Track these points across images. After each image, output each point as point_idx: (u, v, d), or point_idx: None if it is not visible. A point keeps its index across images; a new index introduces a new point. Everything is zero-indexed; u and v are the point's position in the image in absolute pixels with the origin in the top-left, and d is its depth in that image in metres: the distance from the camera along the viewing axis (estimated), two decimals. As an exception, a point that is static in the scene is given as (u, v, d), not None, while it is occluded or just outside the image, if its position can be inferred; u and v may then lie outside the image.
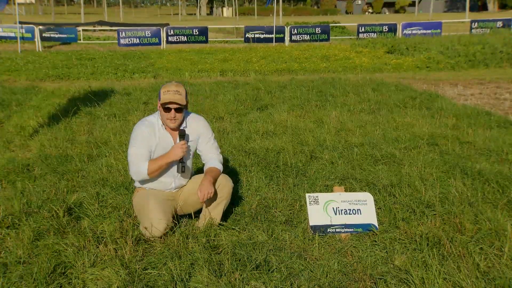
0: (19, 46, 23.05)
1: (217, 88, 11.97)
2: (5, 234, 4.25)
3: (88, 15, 67.92)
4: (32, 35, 25.38)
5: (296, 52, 21.19)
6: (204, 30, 26.74)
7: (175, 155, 4.08)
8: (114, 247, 3.94)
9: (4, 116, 8.96)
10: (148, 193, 4.27)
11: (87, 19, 54.15)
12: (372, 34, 27.32)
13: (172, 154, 4.09)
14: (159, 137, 4.20)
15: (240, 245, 3.99)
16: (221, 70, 15.94)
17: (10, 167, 6.03)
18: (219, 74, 15.50)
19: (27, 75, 14.95)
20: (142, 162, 4.12)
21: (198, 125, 4.37)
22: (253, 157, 6.41)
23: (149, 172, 4.11)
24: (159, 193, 4.32)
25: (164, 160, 4.10)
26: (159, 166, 4.12)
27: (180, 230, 4.21)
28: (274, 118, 8.62)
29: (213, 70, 15.98)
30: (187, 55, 20.81)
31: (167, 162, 4.12)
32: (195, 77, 14.97)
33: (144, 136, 4.16)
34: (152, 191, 4.31)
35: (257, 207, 4.80)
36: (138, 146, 4.15)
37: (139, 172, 4.13)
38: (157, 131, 4.21)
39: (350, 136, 7.44)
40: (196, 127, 4.35)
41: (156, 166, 4.11)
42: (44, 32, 25.81)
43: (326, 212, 4.33)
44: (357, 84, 12.33)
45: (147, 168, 4.10)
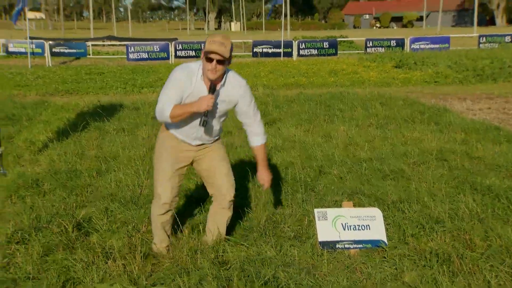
0: (29, 61, 23.22)
1: (225, 103, 12.00)
2: (14, 249, 4.26)
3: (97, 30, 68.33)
4: (42, 50, 25.60)
5: (304, 66, 21.24)
6: (212, 44, 26.82)
7: (199, 107, 3.88)
8: (122, 262, 3.95)
9: (15, 131, 9.01)
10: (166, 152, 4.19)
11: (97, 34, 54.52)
12: (380, 49, 27.38)
13: (196, 105, 3.89)
14: (194, 87, 4.02)
15: (248, 260, 3.98)
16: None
17: (20, 182, 6.06)
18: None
19: (37, 90, 15.05)
20: (168, 104, 3.96)
21: (238, 86, 4.15)
22: (262, 172, 6.41)
23: (171, 115, 3.93)
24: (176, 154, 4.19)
25: (188, 109, 3.93)
26: (181, 113, 3.94)
27: (188, 246, 4.21)
28: (282, 133, 8.63)
29: (221, 85, 16.01)
30: (195, 69, 20.85)
31: (190, 111, 3.93)
32: (203, 91, 15.03)
33: (179, 81, 4.00)
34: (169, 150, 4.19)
35: (265, 223, 4.80)
36: (170, 89, 4.01)
37: (163, 113, 3.97)
38: (194, 80, 4.02)
39: (359, 151, 7.44)
40: (233, 89, 4.12)
41: (179, 111, 3.94)
42: (54, 47, 26.05)
43: (335, 228, 4.31)
44: (365, 98, 12.33)
45: (170, 111, 3.93)
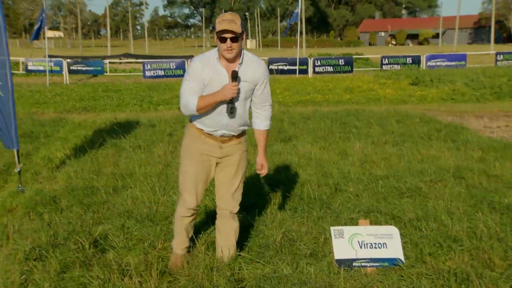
0: (48, 79, 23.53)
1: (240, 120, 12.01)
2: (32, 266, 4.28)
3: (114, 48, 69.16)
4: (60, 68, 25.95)
5: (319, 83, 21.28)
6: (228, 62, 26.99)
7: (224, 96, 3.89)
8: (139, 280, 3.95)
9: (33, 148, 9.09)
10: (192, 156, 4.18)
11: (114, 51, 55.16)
12: (396, 66, 27.37)
13: (221, 94, 3.90)
14: (213, 71, 4.00)
15: (264, 278, 3.96)
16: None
17: (37, 198, 6.10)
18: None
19: (55, 108, 15.21)
20: (192, 96, 3.97)
21: (258, 67, 4.10)
22: (277, 189, 6.40)
23: (197, 107, 3.95)
24: (202, 156, 4.18)
25: (213, 99, 3.93)
26: (207, 103, 3.94)
27: (204, 263, 4.19)
28: (298, 150, 8.62)
29: (237, 102, 16.06)
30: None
31: (216, 100, 3.93)
32: (218, 108, 15.07)
33: (196, 71, 4.01)
34: (195, 153, 4.18)
35: (281, 240, 4.77)
36: (190, 80, 4.01)
37: (188, 106, 3.98)
38: (211, 65, 4.01)
39: (375, 168, 7.40)
40: (254, 69, 4.07)
41: (205, 102, 3.94)
42: (71, 65, 26.39)
43: (351, 246, 4.29)
44: (381, 115, 12.30)
45: (196, 103, 3.94)
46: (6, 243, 4.82)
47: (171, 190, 6.28)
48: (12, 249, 4.63)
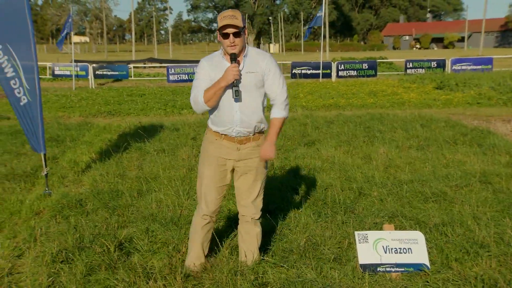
0: (74, 84, 23.82)
1: (264, 124, 12.01)
2: (59, 268, 4.32)
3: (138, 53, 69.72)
4: (86, 73, 26.26)
5: (343, 87, 21.19)
6: (251, 66, 27.02)
7: (226, 78, 3.91)
8: (163, 283, 3.96)
9: (59, 152, 9.19)
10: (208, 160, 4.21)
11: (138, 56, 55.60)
12: (420, 70, 27.13)
13: (223, 78, 3.93)
14: (218, 66, 4.06)
15: (288, 282, 3.96)
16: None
17: (64, 202, 6.16)
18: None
19: (81, 112, 15.37)
20: (200, 91, 4.03)
21: (262, 57, 4.16)
22: (301, 193, 6.38)
23: (204, 98, 3.99)
24: (219, 161, 4.19)
25: (217, 85, 3.95)
26: (213, 92, 3.96)
27: (228, 267, 4.20)
28: (322, 154, 8.59)
29: (260, 106, 16.06)
30: (235, 91, 21.01)
31: (220, 86, 3.94)
32: (242, 112, 15.07)
33: (204, 69, 4.08)
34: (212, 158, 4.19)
35: (305, 244, 4.76)
36: (198, 79, 4.08)
37: (197, 100, 4.03)
38: (216, 63, 4.08)
39: (399, 173, 7.34)
40: (259, 57, 4.14)
41: (210, 91, 3.97)
42: (97, 69, 26.67)
43: (376, 251, 4.26)
44: (405, 119, 12.19)
45: (203, 96, 4.00)
46: (34, 246, 4.87)
47: (195, 194, 6.29)
48: (40, 252, 4.68)
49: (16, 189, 6.83)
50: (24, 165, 8.02)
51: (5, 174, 7.44)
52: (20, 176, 7.41)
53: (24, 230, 5.30)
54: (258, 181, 4.29)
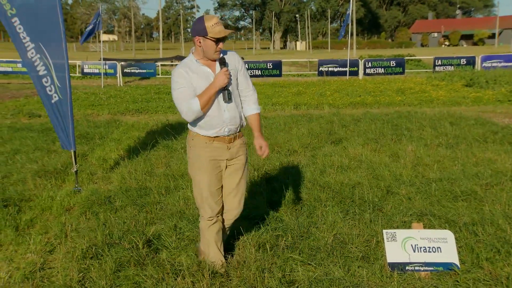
0: (102, 82, 24.09)
1: (291, 122, 12.00)
2: (89, 264, 4.38)
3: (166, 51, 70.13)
4: (114, 71, 26.55)
5: (370, 85, 21.04)
6: (278, 63, 27.06)
7: (220, 81, 4.00)
8: (191, 280, 3.99)
9: (88, 149, 9.31)
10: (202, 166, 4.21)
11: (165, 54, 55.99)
12: (449, 67, 26.80)
13: (217, 81, 4.01)
14: (197, 72, 4.12)
15: (316, 281, 3.95)
16: (295, 104, 16.00)
17: (93, 198, 6.24)
18: (293, 107, 15.54)
19: (109, 109, 15.52)
20: (191, 98, 4.05)
21: (234, 58, 4.29)
22: (328, 191, 6.36)
23: (201, 105, 4.01)
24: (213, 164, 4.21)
25: (212, 90, 4.02)
26: (208, 97, 4.02)
27: (256, 265, 4.21)
28: (349, 152, 8.54)
29: (287, 104, 16.06)
30: (261, 88, 21.04)
31: (215, 90, 4.02)
32: (269, 110, 15.09)
33: (183, 77, 4.10)
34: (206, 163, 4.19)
35: (332, 242, 4.74)
36: (182, 86, 4.09)
37: (192, 108, 4.03)
38: (193, 68, 4.13)
39: (428, 171, 7.27)
40: (233, 60, 4.26)
41: (205, 97, 4.01)
42: (125, 67, 26.93)
43: (404, 249, 4.22)
44: (433, 117, 12.06)
45: (199, 102, 4.01)
46: (65, 241, 4.94)
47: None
48: (70, 247, 4.75)
49: (47, 185, 6.93)
50: (55, 162, 8.13)
51: (36, 171, 7.55)
52: (51, 173, 7.51)
53: (55, 226, 5.38)
54: (244, 179, 4.39)
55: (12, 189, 6.66)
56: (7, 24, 6.47)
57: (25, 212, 5.86)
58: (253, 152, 8.55)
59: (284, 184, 6.58)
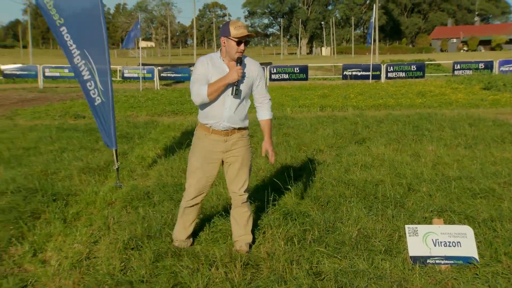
0: (141, 85, 24.33)
1: (317, 123, 11.97)
2: (130, 254, 4.42)
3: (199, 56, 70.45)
4: (152, 75, 26.84)
5: (392, 88, 20.85)
6: (304, 68, 27.00)
7: (231, 77, 4.14)
8: (224, 270, 4.00)
9: (128, 148, 9.40)
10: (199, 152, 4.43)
11: (199, 59, 56.03)
12: (468, 71, 26.42)
13: (229, 76, 4.15)
14: (216, 67, 4.27)
15: (341, 272, 3.93)
16: (320, 106, 15.94)
17: (133, 194, 6.30)
18: (319, 109, 15.48)
19: (147, 111, 15.67)
20: (202, 85, 4.22)
21: (255, 65, 4.39)
22: (352, 188, 6.32)
23: (208, 92, 4.18)
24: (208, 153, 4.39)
25: (222, 82, 4.17)
26: (217, 87, 4.18)
27: (284, 257, 4.21)
28: (372, 151, 8.48)
29: (313, 106, 16.01)
30: (289, 91, 21.01)
31: (224, 83, 4.16)
32: (296, 112, 15.06)
33: (204, 65, 4.30)
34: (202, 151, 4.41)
35: (357, 236, 4.71)
36: (198, 73, 4.28)
37: (200, 93, 4.21)
38: (215, 63, 4.28)
39: (447, 170, 7.17)
40: (252, 67, 4.36)
41: (214, 87, 4.18)
42: (162, 72, 27.18)
43: (425, 244, 4.18)
44: (453, 119, 11.90)
45: (207, 90, 4.18)
46: (108, 233, 5.00)
47: (252, 188, 6.33)
48: (113, 239, 4.80)
49: (91, 181, 7.02)
50: (98, 160, 8.24)
51: (81, 168, 7.65)
52: (95, 170, 7.61)
53: (99, 219, 5.44)
54: (244, 169, 4.46)
55: (60, 184, 6.76)
56: (56, 33, 6.58)
57: (72, 206, 5.95)
58: (281, 151, 8.56)
59: (310, 182, 6.57)
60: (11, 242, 4.77)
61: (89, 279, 3.98)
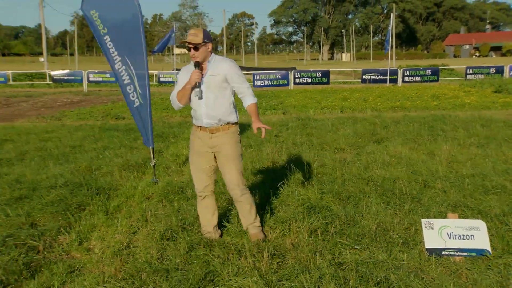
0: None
1: (338, 123, 11.88)
2: (166, 244, 4.44)
3: (229, 62, 70.59)
4: (185, 79, 26.89)
5: (408, 91, 20.59)
6: (326, 72, 26.83)
7: (191, 80, 4.23)
8: (252, 260, 3.99)
9: (164, 146, 9.47)
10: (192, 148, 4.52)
11: (228, 65, 56.11)
12: (480, 75, 25.97)
13: (189, 80, 4.24)
14: (189, 72, 4.34)
15: (362, 263, 3.89)
16: (341, 107, 15.82)
17: (168, 188, 6.33)
18: (340, 110, 15.38)
19: (181, 112, 15.67)
20: (174, 92, 4.43)
21: (223, 63, 4.36)
22: (371, 184, 6.25)
23: (178, 98, 4.38)
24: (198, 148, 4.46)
25: (186, 85, 4.28)
26: (182, 92, 4.32)
27: (308, 248, 4.19)
28: (389, 150, 8.38)
29: (334, 107, 15.90)
30: (311, 94, 20.91)
31: (188, 86, 4.26)
32: (318, 113, 14.98)
33: (181, 74, 4.45)
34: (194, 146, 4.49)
35: (376, 229, 4.66)
36: (178, 82, 4.45)
37: (173, 100, 4.45)
38: (190, 70, 4.34)
39: (461, 168, 7.05)
40: (220, 64, 4.34)
41: (181, 92, 4.34)
42: (194, 76, 27.23)
43: (440, 236, 4.11)
44: (466, 120, 11.70)
45: (176, 96, 4.39)
46: (145, 225, 5.04)
47: (278, 184, 6.31)
48: (150, 230, 4.83)
49: (130, 177, 7.09)
50: (136, 157, 8.31)
51: (121, 164, 7.73)
52: (133, 166, 7.68)
53: (137, 212, 5.49)
54: (228, 166, 4.42)
55: (103, 179, 6.85)
56: (100, 41, 6.66)
57: (113, 199, 6.01)
58: (305, 150, 8.52)
59: (332, 178, 6.52)
60: (60, 231, 4.85)
61: (129, 267, 4.01)
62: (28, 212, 5.40)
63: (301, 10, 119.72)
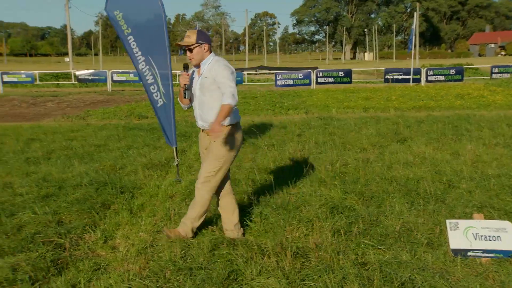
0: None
1: (360, 123, 11.80)
2: (189, 243, 4.45)
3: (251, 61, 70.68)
4: (207, 79, 27.00)
5: (431, 91, 20.35)
6: (348, 72, 26.68)
7: (180, 82, 4.43)
8: (276, 259, 3.98)
9: (187, 146, 9.50)
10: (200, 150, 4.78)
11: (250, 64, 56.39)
12: (505, 75, 25.53)
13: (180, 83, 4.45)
14: None
15: (385, 263, 3.85)
16: (364, 107, 15.70)
17: (191, 187, 6.32)
18: (362, 110, 15.25)
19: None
20: None
21: (213, 65, 4.37)
22: (395, 184, 6.19)
23: (178, 100, 4.62)
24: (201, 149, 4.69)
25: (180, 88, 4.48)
26: (179, 93, 4.53)
27: (331, 248, 4.16)
28: (413, 150, 8.29)
29: (357, 107, 15.79)
30: (334, 94, 20.81)
31: (180, 88, 4.47)
32: (341, 112, 14.89)
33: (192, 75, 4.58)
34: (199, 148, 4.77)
35: (400, 230, 4.62)
36: None
37: None
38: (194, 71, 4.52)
39: (486, 168, 6.94)
40: (211, 67, 4.36)
41: (179, 94, 4.54)
42: (216, 76, 27.34)
43: (466, 237, 4.05)
44: (491, 120, 11.51)
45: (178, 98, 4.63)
46: (169, 223, 5.07)
47: (301, 184, 6.29)
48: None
49: (153, 176, 7.13)
50: (160, 156, 8.36)
51: (145, 164, 7.79)
52: (157, 165, 7.73)
53: (161, 210, 5.52)
54: (208, 158, 4.48)
55: (127, 178, 6.91)
56: (124, 41, 6.72)
57: (137, 198, 6.05)
58: (327, 149, 8.47)
59: (355, 178, 6.47)
60: (85, 230, 4.90)
61: (153, 265, 4.04)
62: (55, 210, 5.48)
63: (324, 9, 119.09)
